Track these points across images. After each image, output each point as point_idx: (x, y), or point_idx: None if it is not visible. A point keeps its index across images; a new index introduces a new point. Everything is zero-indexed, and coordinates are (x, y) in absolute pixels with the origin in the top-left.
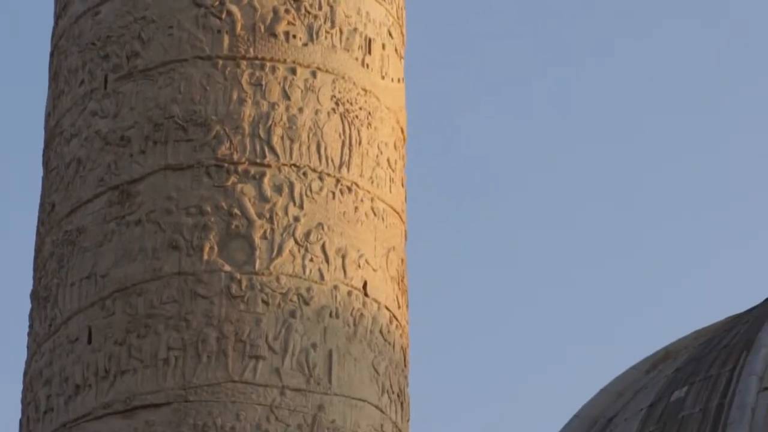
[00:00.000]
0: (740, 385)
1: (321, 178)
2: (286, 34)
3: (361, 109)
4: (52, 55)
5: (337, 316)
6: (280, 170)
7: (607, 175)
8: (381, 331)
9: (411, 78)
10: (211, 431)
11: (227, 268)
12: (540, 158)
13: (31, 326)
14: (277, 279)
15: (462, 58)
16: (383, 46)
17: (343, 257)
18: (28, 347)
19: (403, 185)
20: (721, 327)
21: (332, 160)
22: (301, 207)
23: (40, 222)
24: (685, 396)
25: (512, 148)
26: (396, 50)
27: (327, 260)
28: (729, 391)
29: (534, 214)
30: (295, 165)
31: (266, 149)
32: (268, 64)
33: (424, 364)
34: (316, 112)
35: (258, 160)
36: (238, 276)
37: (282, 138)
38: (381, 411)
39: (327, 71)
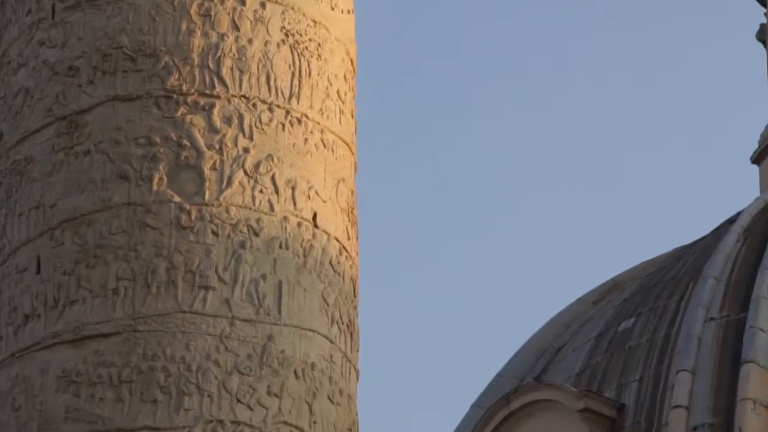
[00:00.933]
0: (687, 316)
1: (271, 110)
2: None
3: (310, 40)
4: None
5: (287, 247)
6: (229, 101)
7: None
8: (331, 263)
9: (361, 9)
10: (160, 361)
11: (177, 198)
12: (488, 91)
13: None
14: (227, 210)
15: None
16: None
17: (293, 188)
18: None
19: (353, 117)
20: (669, 258)
21: (282, 92)
22: (251, 138)
23: None
24: (632, 326)
25: (464, 78)
26: None
27: (277, 191)
28: (676, 322)
29: (479, 147)
30: (244, 96)
31: (215, 80)
32: None
33: (374, 295)
34: (266, 44)
35: (207, 92)
36: (187, 207)
37: (231, 69)
38: (330, 341)
39: (276, 2)
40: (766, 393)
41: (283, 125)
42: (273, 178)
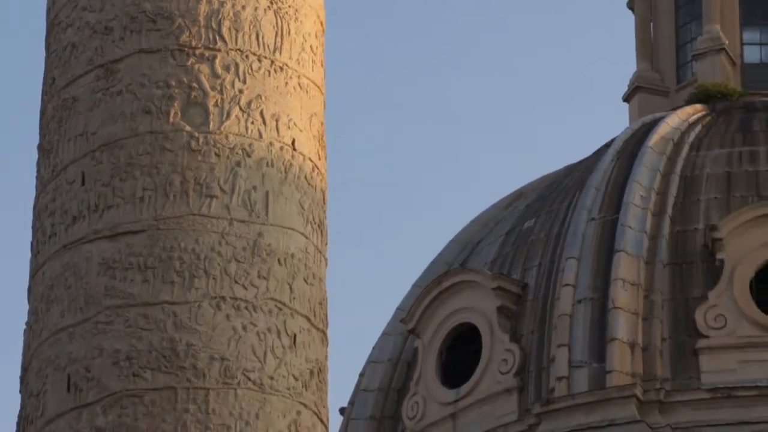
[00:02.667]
0: (574, 217)
1: (259, 60)
2: None
3: (290, 6)
4: None
5: (272, 166)
6: (228, 54)
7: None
8: (305, 177)
9: None
10: (176, 252)
11: (188, 128)
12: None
13: (38, 171)
14: (226, 137)
15: None
16: None
17: (277, 120)
18: (36, 188)
19: (322, 66)
20: (561, 173)
21: (268, 46)
22: (244, 82)
23: (44, 92)
24: (533, 225)
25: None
26: None
27: (264, 123)
28: (566, 221)
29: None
30: (239, 50)
31: (217, 37)
32: None
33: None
34: (255, 9)
35: (211, 46)
36: (196, 135)
37: (229, 29)
38: (306, 237)
39: None
40: (633, 274)
41: (269, 72)
42: (261, 113)
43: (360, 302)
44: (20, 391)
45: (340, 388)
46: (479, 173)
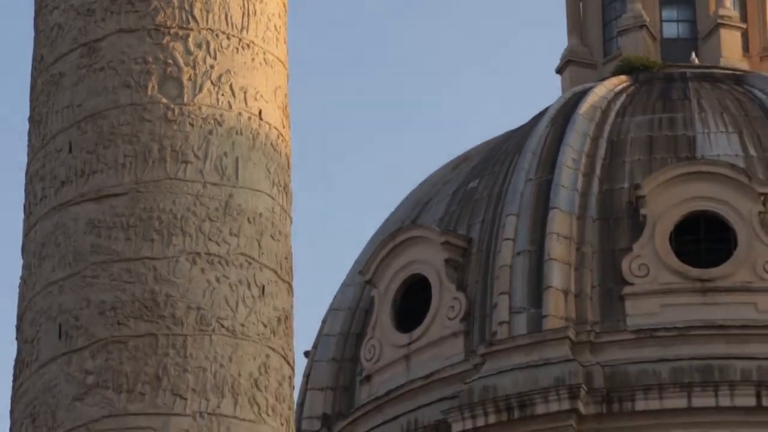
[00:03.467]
0: (513, 178)
1: (228, 38)
2: None
3: None
4: None
5: (241, 134)
6: (200, 33)
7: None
8: (271, 144)
9: None
10: (155, 212)
11: (164, 100)
12: None
13: (29, 141)
14: (199, 108)
15: None
16: None
17: (245, 93)
18: (28, 156)
19: (285, 43)
20: (501, 139)
21: (236, 26)
22: (215, 58)
23: (33, 68)
24: (477, 185)
25: None
26: None
27: (234, 95)
28: (506, 181)
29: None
30: (210, 29)
31: (190, 18)
32: None
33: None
34: None
35: (184, 26)
36: (172, 106)
37: (201, 10)
38: (272, 198)
39: None
40: (566, 229)
41: (237, 49)
42: (231, 86)
43: (322, 256)
44: (16, 339)
45: (304, 334)
46: (428, 138)
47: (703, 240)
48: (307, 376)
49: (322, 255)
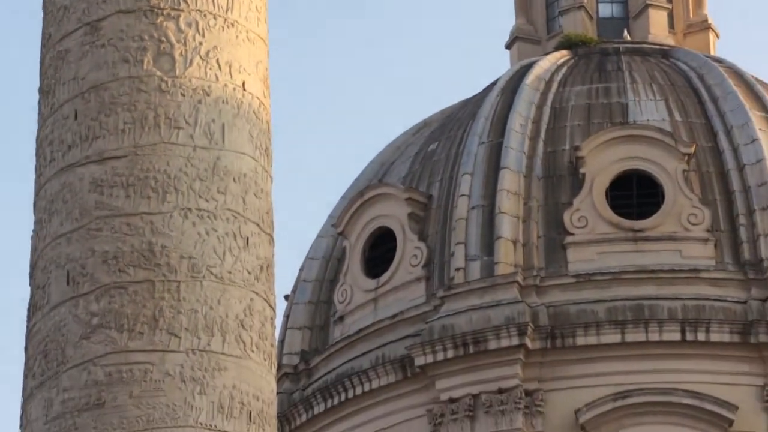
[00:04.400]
0: (468, 141)
1: (215, 18)
2: None
3: None
4: None
5: (227, 103)
6: (189, 13)
7: None
8: (254, 112)
9: None
10: (151, 173)
11: (159, 73)
12: None
13: (39, 109)
14: (190, 80)
15: None
16: None
17: (230, 66)
18: (38, 123)
19: (265, 22)
20: (457, 107)
21: (221, 7)
22: (203, 36)
23: (42, 45)
24: (436, 148)
25: None
26: None
27: (220, 69)
28: (461, 144)
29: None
30: (199, 10)
31: (181, 0)
32: None
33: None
34: None
35: (176, 7)
36: (165, 79)
37: None
38: (255, 159)
39: None
40: (514, 186)
41: (223, 27)
42: (217, 61)
43: (299, 211)
44: (29, 285)
45: (284, 280)
46: (393, 106)
47: (635, 195)
48: (287, 316)
49: (299, 210)
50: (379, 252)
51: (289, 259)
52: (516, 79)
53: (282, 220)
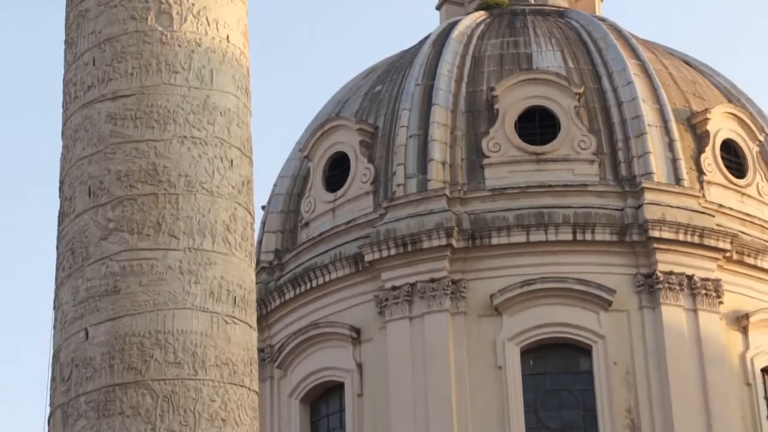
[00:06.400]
0: (406, 83)
1: None
2: None
3: None
4: None
5: (215, 52)
6: None
7: None
8: (236, 59)
9: None
10: (155, 108)
11: (160, 29)
12: None
13: (65, 58)
14: (185, 34)
15: None
16: None
17: (217, 23)
18: (64, 68)
19: None
20: (398, 56)
21: None
22: None
23: (66, 5)
24: (381, 89)
25: None
26: None
27: (209, 24)
28: (401, 86)
29: None
30: None
31: None
32: None
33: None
34: None
35: None
36: (165, 33)
37: None
38: (237, 97)
39: None
40: (443, 119)
41: None
42: (207, 18)
43: (272, 139)
44: (59, 197)
45: (261, 193)
46: (347, 55)
47: (537, 126)
48: (263, 223)
49: (273, 138)
50: (337, 172)
51: (265, 177)
52: (444, 34)
53: (259, 145)
